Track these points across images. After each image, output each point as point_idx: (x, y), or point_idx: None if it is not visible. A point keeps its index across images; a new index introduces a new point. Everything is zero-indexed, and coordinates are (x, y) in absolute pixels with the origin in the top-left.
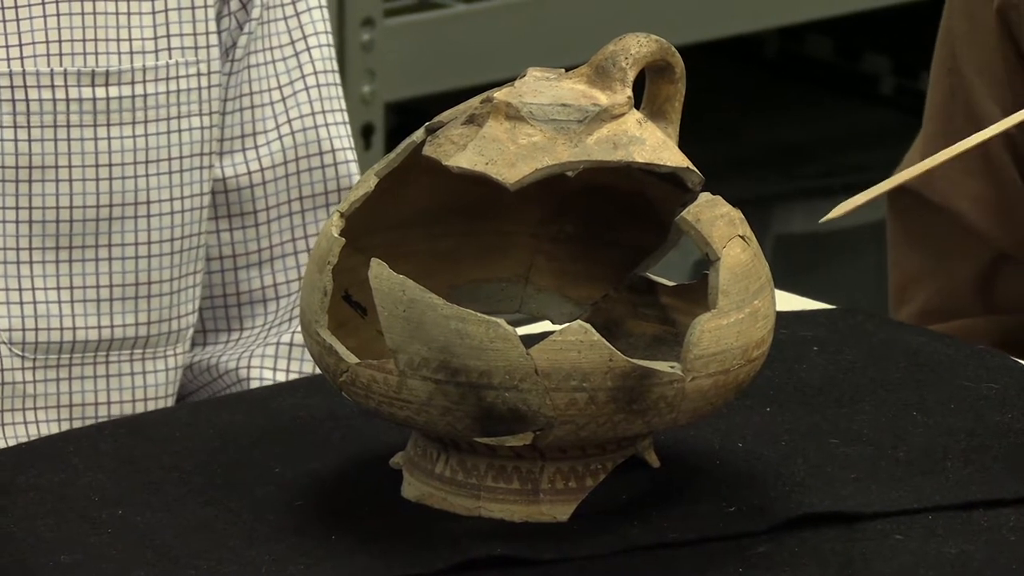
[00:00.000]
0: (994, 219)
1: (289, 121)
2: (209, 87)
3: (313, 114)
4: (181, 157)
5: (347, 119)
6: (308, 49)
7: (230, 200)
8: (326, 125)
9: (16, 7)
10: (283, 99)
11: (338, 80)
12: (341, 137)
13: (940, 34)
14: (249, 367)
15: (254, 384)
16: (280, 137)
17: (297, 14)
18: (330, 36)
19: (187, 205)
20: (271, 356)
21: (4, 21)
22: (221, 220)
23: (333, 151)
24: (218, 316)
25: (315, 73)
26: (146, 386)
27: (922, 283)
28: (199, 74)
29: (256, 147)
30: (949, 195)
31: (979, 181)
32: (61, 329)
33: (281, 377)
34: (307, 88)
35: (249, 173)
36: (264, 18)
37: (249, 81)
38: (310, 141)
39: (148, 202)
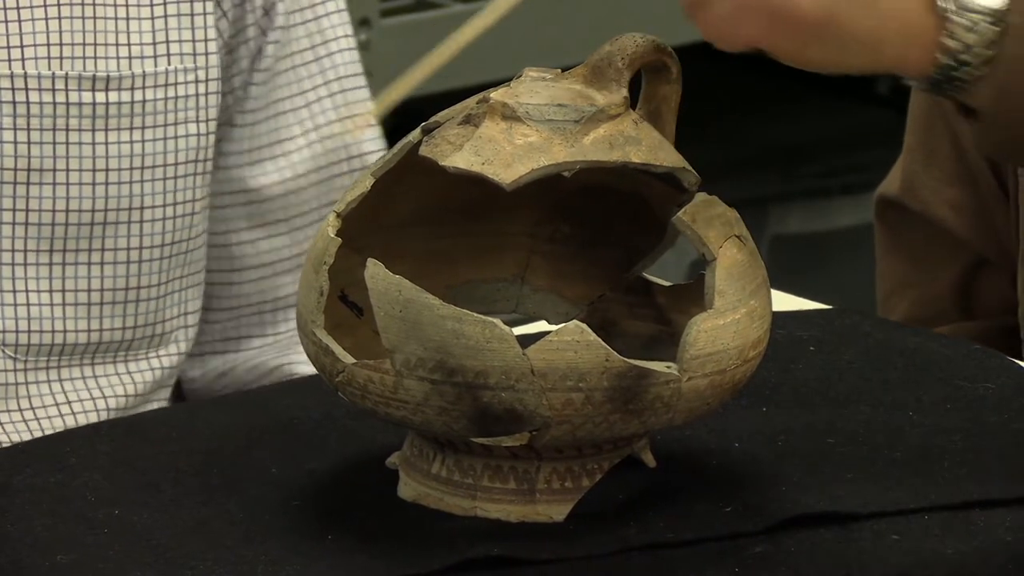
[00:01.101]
0: (973, 225)
1: (316, 128)
2: (207, 94)
3: (340, 120)
4: (177, 164)
5: (376, 121)
6: (330, 54)
7: (263, 209)
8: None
9: (18, 8)
10: (307, 105)
11: (364, 83)
12: (368, 140)
13: None
14: (293, 363)
15: None
16: (308, 144)
17: (316, 18)
18: (352, 39)
19: (179, 211)
20: None
21: (6, 22)
22: (256, 229)
23: (361, 155)
24: (252, 322)
25: (339, 79)
26: (125, 386)
27: (905, 292)
28: (197, 81)
29: (285, 154)
30: (930, 203)
31: (958, 188)
32: (53, 332)
33: None
34: (331, 95)
35: (282, 182)
36: (287, 23)
37: (276, 88)
38: (337, 147)
39: (143, 207)
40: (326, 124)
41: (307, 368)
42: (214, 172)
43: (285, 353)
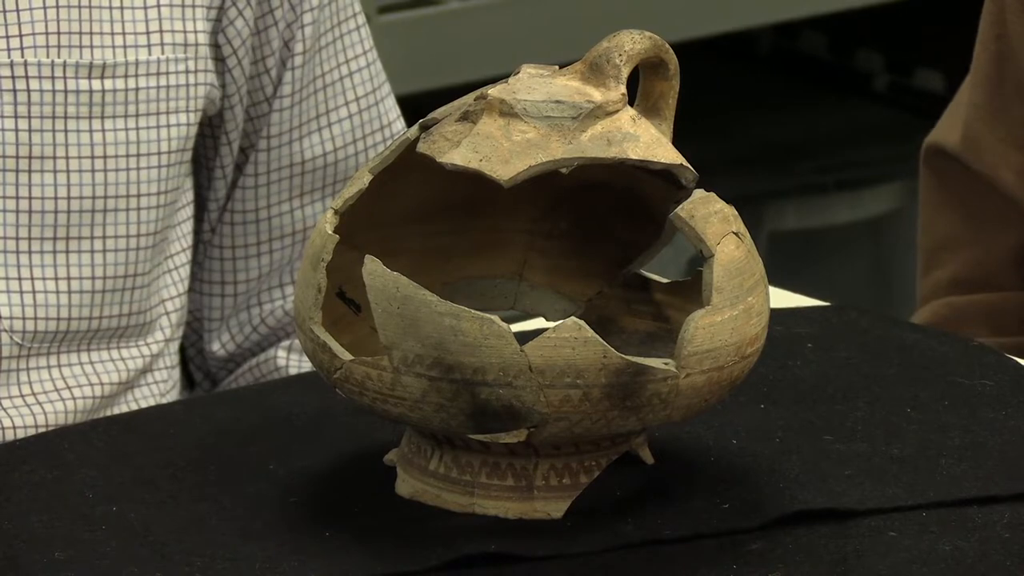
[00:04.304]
0: None
1: (357, 99)
2: (196, 84)
3: (375, 90)
4: (170, 152)
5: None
6: (360, 27)
7: (307, 179)
8: (383, 100)
9: None
10: (350, 74)
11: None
12: (391, 110)
13: None
14: None
15: None
16: (351, 115)
17: None
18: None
19: (169, 199)
20: None
21: (4, 12)
22: (296, 199)
23: (390, 124)
24: (278, 275)
25: (372, 49)
26: (120, 372)
27: (956, 250)
28: (187, 71)
29: (330, 125)
30: (994, 166)
31: None
32: (58, 319)
33: None
34: (369, 64)
35: (324, 154)
36: (321, 3)
37: (320, 63)
38: (373, 117)
39: (139, 195)
40: (366, 95)
41: None
42: (258, 152)
43: None
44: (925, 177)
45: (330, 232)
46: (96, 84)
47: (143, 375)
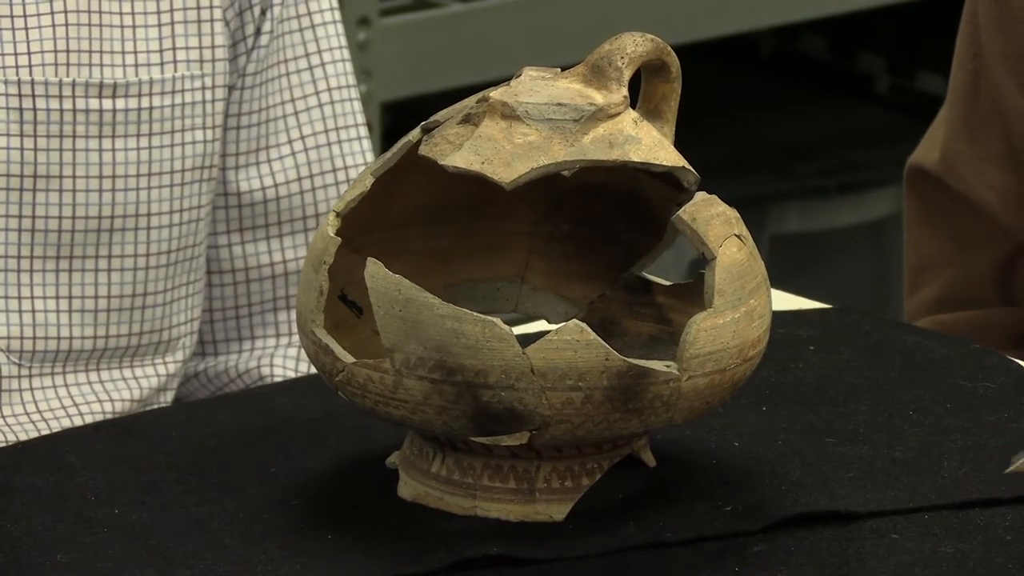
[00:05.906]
0: (1017, 212)
1: (303, 137)
2: (214, 100)
3: (327, 131)
4: (184, 170)
5: (366, 134)
6: (323, 64)
7: (243, 215)
8: (339, 142)
9: (25, 16)
10: (296, 113)
11: (356, 95)
12: (355, 154)
13: (964, 17)
14: (272, 366)
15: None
16: (293, 153)
17: (312, 27)
18: (346, 51)
19: (186, 217)
20: (292, 359)
21: (13, 30)
22: (236, 233)
23: (346, 168)
24: (229, 327)
25: (329, 89)
26: (132, 390)
27: (939, 269)
28: (204, 88)
29: (270, 161)
30: (973, 185)
31: (1004, 173)
32: (59, 339)
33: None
34: (320, 105)
35: (263, 188)
36: (277, 31)
37: (265, 96)
38: (323, 158)
39: (149, 214)
40: (313, 134)
41: (281, 373)
42: None
43: (265, 357)
44: (908, 197)
45: (332, 235)
46: (107, 103)
47: (159, 394)
